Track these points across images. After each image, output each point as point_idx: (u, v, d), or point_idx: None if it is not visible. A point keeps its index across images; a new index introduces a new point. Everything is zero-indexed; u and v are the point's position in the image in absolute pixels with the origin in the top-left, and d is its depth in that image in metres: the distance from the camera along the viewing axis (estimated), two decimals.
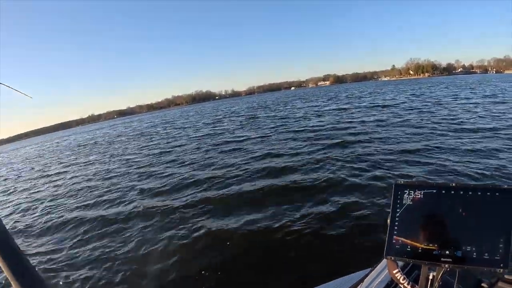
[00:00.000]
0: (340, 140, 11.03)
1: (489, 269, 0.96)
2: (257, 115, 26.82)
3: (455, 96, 25.27)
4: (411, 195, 1.11)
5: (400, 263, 1.39)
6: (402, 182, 1.15)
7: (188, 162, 11.43)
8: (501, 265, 0.94)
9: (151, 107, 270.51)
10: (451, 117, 13.91)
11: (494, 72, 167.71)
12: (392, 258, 1.10)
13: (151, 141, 20.54)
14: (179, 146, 15.92)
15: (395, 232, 1.09)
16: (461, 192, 1.03)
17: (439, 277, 1.06)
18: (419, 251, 1.04)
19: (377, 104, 23.76)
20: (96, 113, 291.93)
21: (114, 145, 22.43)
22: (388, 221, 1.12)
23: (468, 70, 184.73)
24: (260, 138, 13.79)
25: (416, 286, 1.16)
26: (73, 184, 11.82)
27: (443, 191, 1.06)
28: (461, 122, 12.52)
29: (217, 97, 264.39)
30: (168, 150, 15.15)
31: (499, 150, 7.85)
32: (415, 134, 11.08)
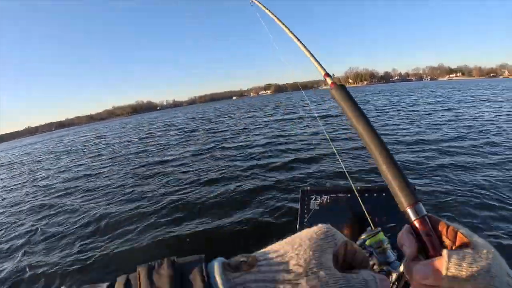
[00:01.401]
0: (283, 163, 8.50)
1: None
2: (195, 128, 22.67)
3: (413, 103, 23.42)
4: (318, 200, 1.12)
5: None
6: (308, 188, 1.17)
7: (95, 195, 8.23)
8: None
9: (90, 118, 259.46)
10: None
11: (429, 79, 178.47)
12: None
13: (72, 162, 15.78)
14: (101, 168, 12.13)
15: None
16: (366, 194, 1.09)
17: None
18: None
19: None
20: (34, 125, 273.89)
21: (35, 165, 17.44)
22: (297, 227, 1.10)
23: (405, 78, 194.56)
24: (192, 158, 10.92)
25: None
26: None
27: (348, 195, 1.11)
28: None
29: (158, 108, 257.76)
30: (80, 176, 11.28)
31: None
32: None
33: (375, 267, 0.73)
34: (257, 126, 17.82)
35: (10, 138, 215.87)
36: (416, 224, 0.41)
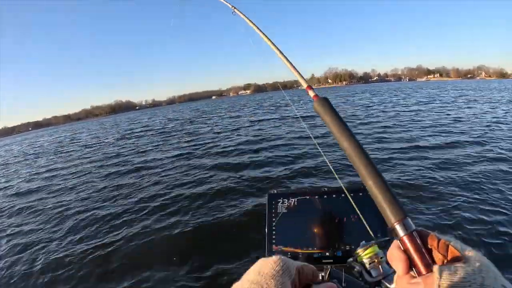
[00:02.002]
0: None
1: None
2: (171, 131, 20.66)
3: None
4: (285, 203, 1.11)
5: None
6: (275, 191, 1.15)
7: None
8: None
9: (68, 118, 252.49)
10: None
11: (407, 80, 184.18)
12: None
13: (44, 165, 14.64)
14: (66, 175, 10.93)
15: (274, 242, 1.07)
16: (333, 196, 1.08)
17: (326, 277, 1.07)
18: (300, 256, 1.04)
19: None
20: (10, 125, 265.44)
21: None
22: (266, 231, 1.08)
23: (383, 79, 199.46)
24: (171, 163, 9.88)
25: None
26: None
27: (316, 196, 1.09)
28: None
29: (137, 107, 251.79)
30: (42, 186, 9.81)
31: None
32: None
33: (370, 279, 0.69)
34: (239, 126, 17.21)
35: None
36: (405, 240, 0.40)
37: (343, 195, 1.06)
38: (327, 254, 1.01)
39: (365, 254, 0.70)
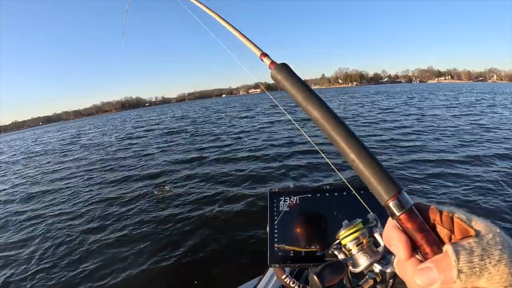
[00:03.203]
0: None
1: None
2: (182, 130, 19.52)
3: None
4: (287, 201, 1.10)
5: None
6: (276, 189, 1.14)
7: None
8: None
9: (78, 114, 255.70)
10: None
11: (418, 81, 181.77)
12: (277, 265, 1.09)
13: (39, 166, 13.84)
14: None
15: (276, 240, 1.07)
16: (335, 194, 1.07)
17: None
18: (302, 254, 1.04)
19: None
20: (21, 119, 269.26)
21: None
22: (267, 230, 1.09)
23: (394, 80, 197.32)
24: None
25: (307, 287, 1.15)
26: None
27: (318, 194, 1.08)
28: None
29: (147, 104, 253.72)
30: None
31: None
32: None
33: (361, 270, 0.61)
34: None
35: None
36: (403, 219, 0.34)
37: (345, 192, 1.05)
38: (329, 252, 0.99)
39: (349, 236, 0.62)
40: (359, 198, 0.63)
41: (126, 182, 8.25)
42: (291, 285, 1.16)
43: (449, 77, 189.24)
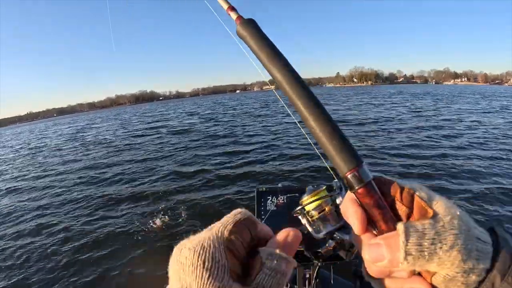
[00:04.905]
0: None
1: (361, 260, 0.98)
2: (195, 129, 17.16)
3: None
4: (275, 201, 1.10)
5: None
6: (264, 188, 1.13)
7: None
8: None
9: (92, 106, 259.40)
10: None
11: (434, 83, 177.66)
12: None
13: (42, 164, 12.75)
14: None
15: None
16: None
17: (314, 274, 1.08)
18: None
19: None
20: (36, 110, 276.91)
21: None
22: None
23: (410, 80, 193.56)
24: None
25: (295, 286, 1.18)
26: None
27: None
28: None
29: (161, 98, 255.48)
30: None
31: None
32: None
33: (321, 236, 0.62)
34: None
35: (8, 124, 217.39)
36: (361, 193, 0.33)
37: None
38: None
39: (312, 202, 0.61)
40: (326, 165, 0.61)
41: (118, 182, 8.12)
42: None
43: (465, 79, 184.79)
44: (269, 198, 1.11)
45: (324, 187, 0.65)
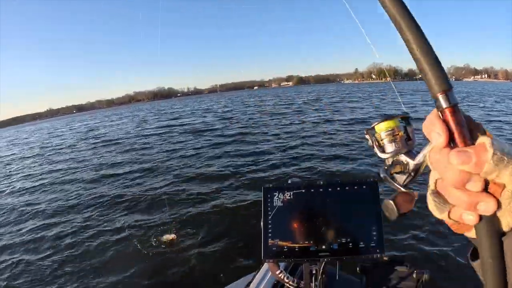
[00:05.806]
0: None
1: (367, 257, 1.06)
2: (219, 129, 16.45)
3: None
4: (281, 197, 1.11)
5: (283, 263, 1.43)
6: (270, 185, 1.15)
7: None
8: (378, 250, 1.04)
9: (111, 103, 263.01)
10: None
11: (454, 79, 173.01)
12: (271, 261, 1.13)
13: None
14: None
15: (270, 235, 1.09)
16: (329, 189, 1.09)
17: (320, 270, 1.12)
18: (296, 250, 1.07)
19: None
20: (56, 107, 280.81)
21: None
22: (262, 225, 1.10)
23: None
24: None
25: (302, 281, 1.21)
26: None
27: (312, 190, 1.10)
28: None
29: (179, 94, 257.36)
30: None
31: None
32: None
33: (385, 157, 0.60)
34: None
35: (29, 120, 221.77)
36: (448, 112, 0.35)
37: (338, 188, 1.08)
38: (323, 247, 1.05)
39: (383, 127, 0.60)
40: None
41: (116, 181, 8.40)
42: (286, 280, 1.23)
43: (486, 75, 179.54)
44: (275, 195, 1.12)
45: (398, 116, 0.62)
